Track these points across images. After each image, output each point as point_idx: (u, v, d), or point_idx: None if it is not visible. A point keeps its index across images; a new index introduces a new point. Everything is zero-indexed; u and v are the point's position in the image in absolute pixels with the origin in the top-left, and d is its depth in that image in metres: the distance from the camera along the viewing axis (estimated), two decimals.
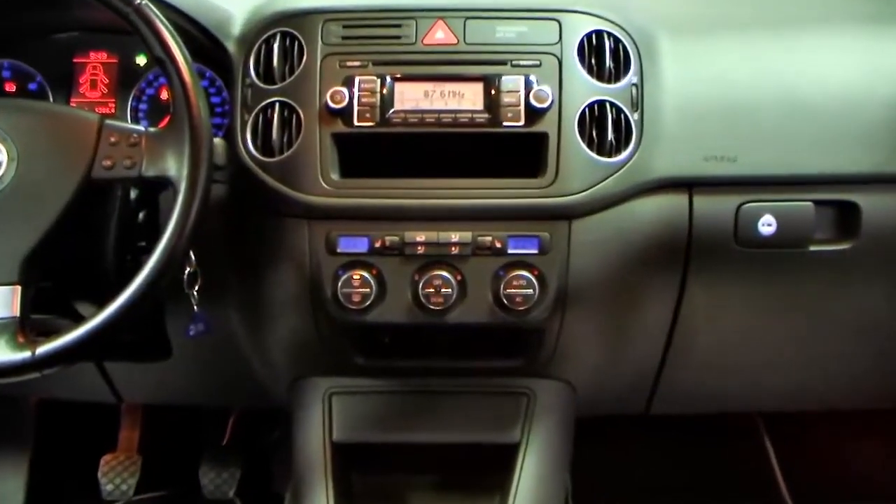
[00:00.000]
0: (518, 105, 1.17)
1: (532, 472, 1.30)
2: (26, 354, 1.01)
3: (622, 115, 1.19)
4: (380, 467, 1.38)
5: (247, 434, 1.94)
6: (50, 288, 1.17)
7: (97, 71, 1.33)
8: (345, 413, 1.33)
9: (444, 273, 1.19)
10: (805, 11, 1.30)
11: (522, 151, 1.19)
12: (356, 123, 1.17)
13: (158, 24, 1.06)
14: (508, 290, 1.18)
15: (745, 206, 1.21)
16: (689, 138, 1.20)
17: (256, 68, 1.22)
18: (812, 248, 1.24)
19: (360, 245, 1.19)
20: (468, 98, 1.18)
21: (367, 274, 1.18)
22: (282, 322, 1.30)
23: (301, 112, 1.18)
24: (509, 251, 1.19)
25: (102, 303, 1.03)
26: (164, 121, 1.24)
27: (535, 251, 1.19)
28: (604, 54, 1.20)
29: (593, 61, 1.20)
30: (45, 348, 1.02)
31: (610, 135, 1.18)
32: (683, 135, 1.20)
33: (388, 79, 1.19)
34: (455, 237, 1.18)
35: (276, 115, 1.19)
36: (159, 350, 1.40)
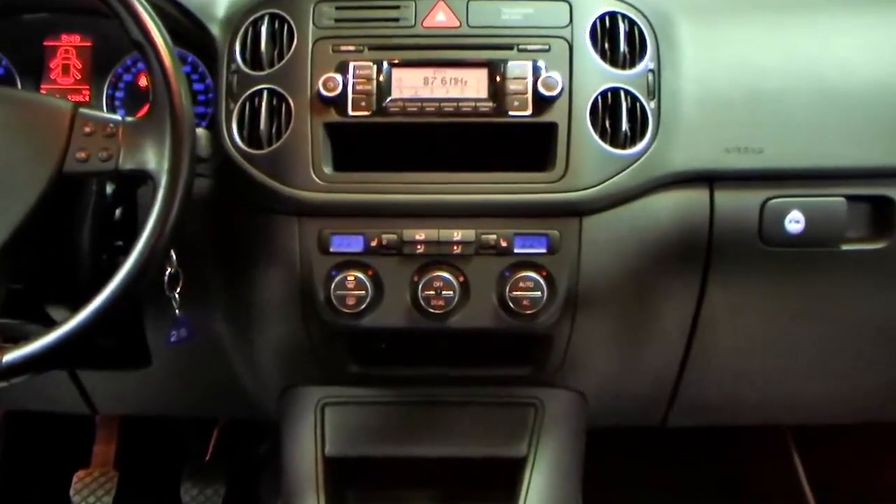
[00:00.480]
0: (525, 93, 1.17)
1: (540, 489, 1.30)
2: None
3: (637, 104, 1.19)
4: (376, 484, 1.38)
5: (232, 448, 1.95)
6: (19, 290, 1.17)
7: (69, 55, 1.33)
8: (338, 425, 1.34)
9: (446, 274, 1.19)
10: None
11: (530, 143, 1.19)
12: (350, 113, 1.17)
13: (136, 4, 1.06)
14: (514, 293, 1.18)
15: (771, 201, 1.21)
16: (710, 128, 1.20)
17: (243, 53, 1.22)
18: (844, 247, 1.24)
19: (354, 244, 1.19)
20: (471, 85, 1.18)
21: (362, 275, 1.19)
22: (270, 327, 1.30)
23: (291, 100, 1.18)
24: (515, 250, 1.19)
25: (76, 306, 1.03)
26: (143, 110, 1.24)
27: (543, 250, 1.19)
28: (618, 38, 1.20)
29: (606, 45, 1.20)
30: (12, 355, 1.02)
31: (624, 125, 1.17)
32: (704, 125, 1.20)
33: (385, 64, 1.19)
34: (457, 235, 1.18)
35: (263, 104, 1.19)
36: (137, 357, 1.40)
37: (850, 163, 1.21)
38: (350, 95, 1.17)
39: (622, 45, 1.20)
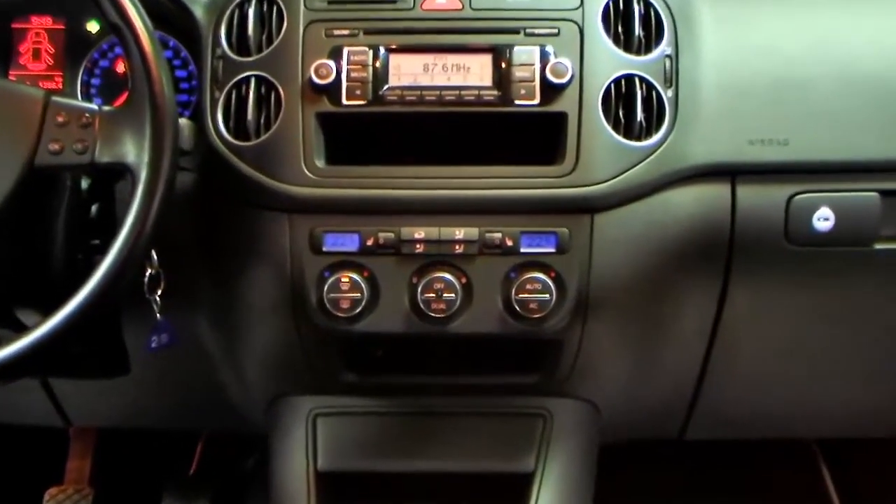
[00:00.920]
0: (532, 80, 1.17)
1: None
2: None
3: (653, 92, 1.19)
4: (371, 501, 1.38)
5: (217, 462, 1.95)
6: None
7: (41, 39, 1.32)
8: (331, 437, 1.34)
9: (447, 275, 1.19)
10: None
11: (537, 134, 1.19)
12: (344, 102, 1.17)
13: None
14: (521, 295, 1.18)
15: (798, 197, 1.21)
16: (731, 118, 1.20)
17: (228, 37, 1.22)
18: (878, 246, 1.24)
19: (349, 243, 1.18)
20: (474, 72, 1.18)
21: (357, 276, 1.18)
22: (259, 332, 1.30)
23: (280, 88, 1.18)
24: (522, 250, 1.19)
25: (48, 310, 1.03)
26: (121, 98, 1.24)
27: (551, 250, 1.19)
28: (632, 21, 1.20)
29: (620, 29, 1.21)
30: None
31: (639, 115, 1.18)
32: (725, 114, 1.20)
33: (382, 50, 1.19)
34: (459, 234, 1.18)
35: (251, 92, 1.19)
36: (115, 365, 1.39)
37: (884, 155, 1.21)
38: (344, 83, 1.17)
39: (637, 29, 1.20)
